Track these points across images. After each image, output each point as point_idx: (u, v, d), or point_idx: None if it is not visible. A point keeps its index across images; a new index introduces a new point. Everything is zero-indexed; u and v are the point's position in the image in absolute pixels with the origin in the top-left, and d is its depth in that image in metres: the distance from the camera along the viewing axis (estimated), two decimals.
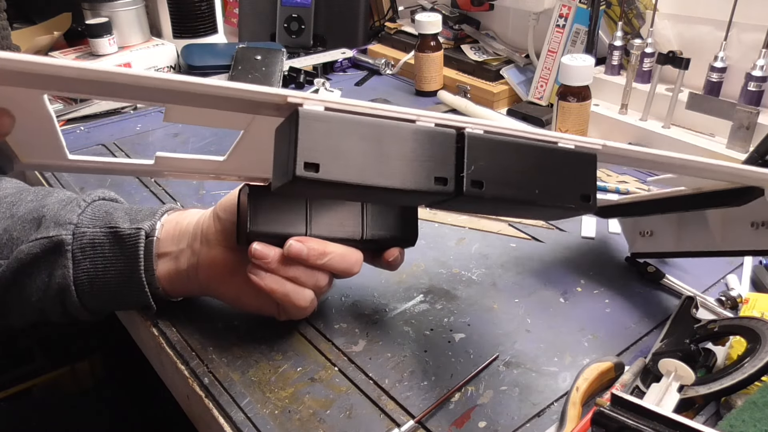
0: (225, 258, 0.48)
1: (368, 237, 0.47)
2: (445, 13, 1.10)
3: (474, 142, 0.34)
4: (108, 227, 0.49)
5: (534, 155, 0.36)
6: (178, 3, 1.15)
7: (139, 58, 1.08)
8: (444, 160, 0.34)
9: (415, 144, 0.33)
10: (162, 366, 0.54)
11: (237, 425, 0.43)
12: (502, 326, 0.52)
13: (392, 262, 0.49)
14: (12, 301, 0.50)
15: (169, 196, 0.72)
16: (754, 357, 0.40)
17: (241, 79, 1.01)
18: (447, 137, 0.34)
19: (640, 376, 0.44)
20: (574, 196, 0.36)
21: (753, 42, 0.77)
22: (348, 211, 0.47)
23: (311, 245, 0.45)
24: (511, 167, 0.35)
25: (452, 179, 0.34)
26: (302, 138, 0.31)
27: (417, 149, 0.33)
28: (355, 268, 0.47)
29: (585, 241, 0.64)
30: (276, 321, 0.52)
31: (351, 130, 0.33)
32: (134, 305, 0.51)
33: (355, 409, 0.44)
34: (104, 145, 0.87)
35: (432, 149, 0.34)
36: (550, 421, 0.43)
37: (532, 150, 0.36)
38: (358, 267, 0.47)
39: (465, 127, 0.35)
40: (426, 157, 0.34)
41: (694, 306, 0.50)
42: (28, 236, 0.49)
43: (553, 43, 0.94)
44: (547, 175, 0.36)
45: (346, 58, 1.15)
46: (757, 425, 0.38)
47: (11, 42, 0.98)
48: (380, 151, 0.33)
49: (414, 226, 0.49)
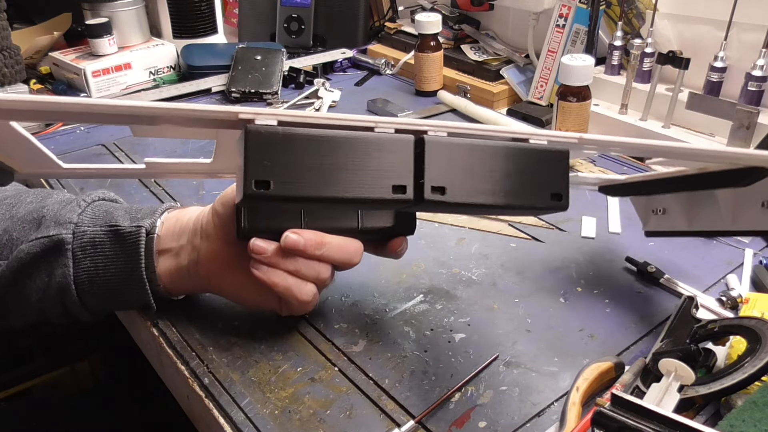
0: (225, 252, 0.48)
1: (366, 227, 0.47)
2: (445, 13, 1.10)
3: (435, 147, 0.34)
4: (108, 226, 0.49)
5: (501, 156, 0.35)
6: (178, 3, 1.15)
7: (138, 58, 1.08)
8: (402, 168, 0.34)
9: (371, 153, 0.33)
10: (162, 366, 0.54)
11: (237, 425, 0.43)
12: (502, 326, 0.52)
13: (399, 251, 0.49)
14: (12, 302, 0.50)
15: (169, 196, 0.72)
16: (755, 357, 0.40)
17: (241, 79, 1.01)
18: (404, 144, 0.34)
19: (640, 376, 0.44)
20: (544, 196, 0.36)
21: (753, 42, 0.77)
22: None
23: (307, 236, 0.45)
24: (477, 170, 0.34)
25: (411, 186, 0.34)
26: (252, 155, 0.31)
27: (373, 158, 0.33)
28: (355, 259, 0.47)
29: (585, 241, 0.64)
30: (276, 321, 0.52)
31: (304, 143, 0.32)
32: (134, 304, 0.51)
33: (355, 409, 0.44)
34: (104, 145, 0.87)
35: (389, 157, 0.33)
36: (550, 421, 0.43)
37: (499, 151, 0.35)
38: (359, 257, 0.47)
39: (427, 131, 0.34)
40: (383, 165, 0.33)
41: (694, 306, 0.50)
42: (27, 236, 0.49)
43: (553, 43, 0.94)
44: (515, 175, 0.35)
45: (346, 58, 1.15)
46: (757, 425, 0.38)
47: (11, 42, 0.98)
48: (335, 163, 0.33)
49: (412, 214, 0.49)
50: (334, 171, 0.33)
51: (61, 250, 0.48)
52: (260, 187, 0.32)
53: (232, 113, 0.32)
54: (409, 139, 0.34)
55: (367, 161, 0.33)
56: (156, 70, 1.10)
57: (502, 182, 0.35)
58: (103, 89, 1.04)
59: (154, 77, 1.10)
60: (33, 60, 1.12)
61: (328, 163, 0.33)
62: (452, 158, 0.34)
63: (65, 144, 0.88)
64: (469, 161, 0.34)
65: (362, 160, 0.33)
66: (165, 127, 0.34)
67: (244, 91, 0.99)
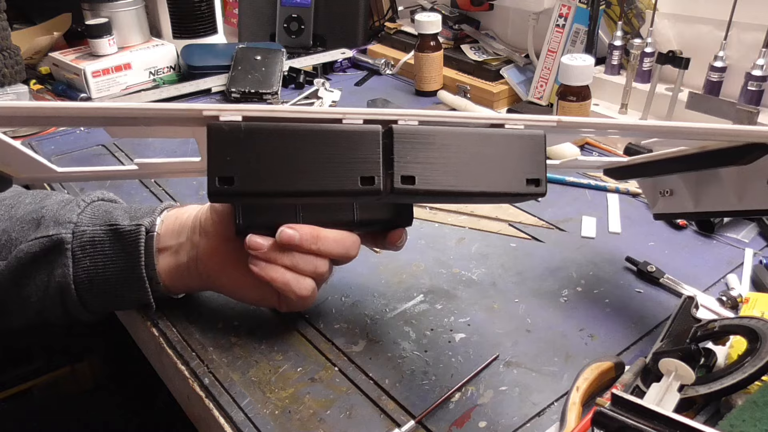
0: (224, 249, 0.48)
1: (360, 219, 0.47)
2: (444, 13, 1.10)
3: (404, 136, 0.33)
4: (108, 225, 0.49)
5: (474, 143, 0.34)
6: (177, 3, 1.15)
7: (138, 58, 1.08)
8: (369, 159, 0.33)
9: (338, 145, 0.33)
10: (162, 366, 0.54)
11: (237, 425, 0.43)
12: (502, 326, 0.52)
13: (398, 244, 0.49)
14: (11, 302, 0.50)
15: (168, 196, 0.72)
16: (755, 356, 0.40)
17: (241, 80, 1.01)
18: (372, 134, 0.33)
19: (641, 375, 0.44)
20: (519, 182, 0.35)
21: (753, 42, 0.77)
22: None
23: (303, 231, 0.45)
24: (449, 158, 0.34)
25: (380, 177, 0.33)
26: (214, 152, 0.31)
27: (340, 150, 0.33)
28: (352, 252, 0.47)
29: (585, 241, 0.64)
30: (276, 321, 0.52)
31: (268, 138, 0.32)
32: (134, 303, 0.51)
33: (355, 409, 0.44)
34: (104, 145, 0.87)
35: (357, 148, 0.33)
36: (550, 421, 0.43)
37: (473, 137, 0.34)
38: (356, 250, 0.47)
39: (396, 120, 0.33)
40: (351, 157, 0.33)
41: (694, 306, 0.50)
42: (27, 236, 0.49)
43: (553, 42, 0.94)
44: (490, 162, 0.34)
45: (345, 58, 1.15)
46: (757, 425, 0.38)
47: (11, 43, 0.98)
48: (301, 157, 0.32)
49: (408, 205, 0.48)
50: (300, 165, 0.32)
51: (60, 250, 0.48)
52: (224, 183, 0.31)
53: (197, 111, 0.32)
54: (377, 130, 0.33)
55: (334, 153, 0.33)
56: (156, 70, 1.10)
57: (475, 169, 0.34)
58: (103, 90, 1.04)
59: (154, 77, 1.10)
60: (33, 60, 1.12)
61: (293, 156, 0.32)
62: (423, 147, 0.33)
63: (65, 144, 0.88)
64: (441, 149, 0.34)
65: (329, 152, 0.33)
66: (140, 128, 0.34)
67: (243, 91, 0.99)
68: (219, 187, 0.31)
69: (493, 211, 0.68)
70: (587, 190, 0.73)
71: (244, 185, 0.32)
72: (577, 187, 0.73)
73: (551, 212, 0.68)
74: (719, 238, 0.63)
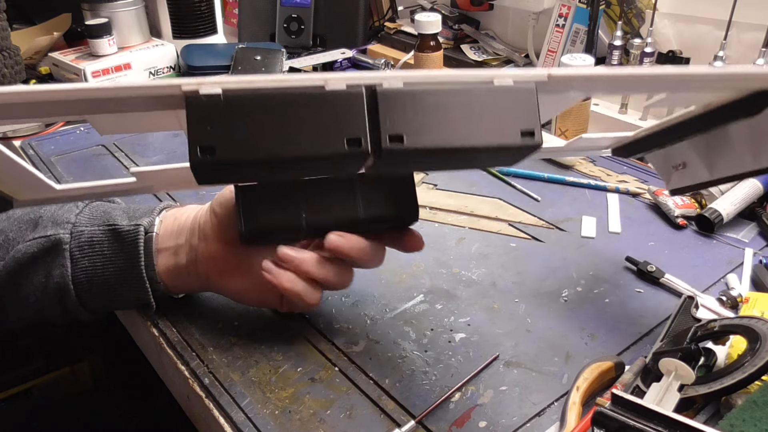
0: (224, 253, 0.48)
1: (366, 216, 0.45)
2: (444, 13, 1.10)
3: (389, 97, 0.32)
4: (106, 225, 0.49)
5: (463, 100, 0.34)
6: (177, 3, 1.15)
7: (138, 58, 1.08)
8: (354, 121, 0.32)
9: (321, 110, 0.32)
10: (162, 366, 0.54)
11: (237, 425, 0.43)
12: (502, 326, 0.52)
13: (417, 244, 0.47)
14: (9, 302, 0.50)
15: (168, 196, 0.72)
16: (755, 356, 0.40)
17: None
18: (355, 97, 0.32)
19: (641, 375, 0.44)
20: (513, 134, 0.34)
21: (753, 42, 0.77)
22: (341, 193, 0.45)
23: (351, 240, 0.43)
24: (438, 116, 0.33)
25: (367, 138, 0.32)
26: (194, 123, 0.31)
27: (324, 115, 0.32)
28: (380, 264, 0.46)
29: (585, 241, 0.64)
30: (276, 321, 0.52)
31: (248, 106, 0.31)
32: (134, 303, 0.51)
33: (355, 409, 0.44)
34: (104, 145, 0.87)
35: (342, 113, 0.32)
36: (550, 421, 0.43)
37: (461, 94, 0.34)
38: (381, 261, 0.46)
39: (381, 83, 0.33)
40: (336, 122, 0.32)
41: (694, 305, 0.50)
42: (24, 237, 0.49)
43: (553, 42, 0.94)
44: (481, 117, 0.34)
45: (345, 58, 1.15)
46: (757, 424, 0.38)
47: (11, 43, 0.98)
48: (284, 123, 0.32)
49: (413, 201, 0.47)
50: (284, 131, 0.32)
51: (58, 250, 0.48)
52: (205, 153, 0.31)
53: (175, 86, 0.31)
54: (360, 92, 0.33)
55: (318, 119, 0.32)
56: (156, 70, 1.10)
57: (467, 125, 0.33)
58: None
59: (154, 77, 1.10)
60: (33, 60, 1.12)
61: (276, 124, 0.32)
62: (410, 107, 0.33)
63: (65, 144, 0.88)
64: (429, 109, 0.33)
65: (313, 118, 0.32)
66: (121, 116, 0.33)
67: None
68: (201, 157, 0.31)
69: (493, 211, 0.68)
70: (587, 190, 0.73)
71: (226, 154, 0.31)
72: (577, 187, 0.73)
73: (551, 212, 0.68)
74: (719, 237, 0.63)
